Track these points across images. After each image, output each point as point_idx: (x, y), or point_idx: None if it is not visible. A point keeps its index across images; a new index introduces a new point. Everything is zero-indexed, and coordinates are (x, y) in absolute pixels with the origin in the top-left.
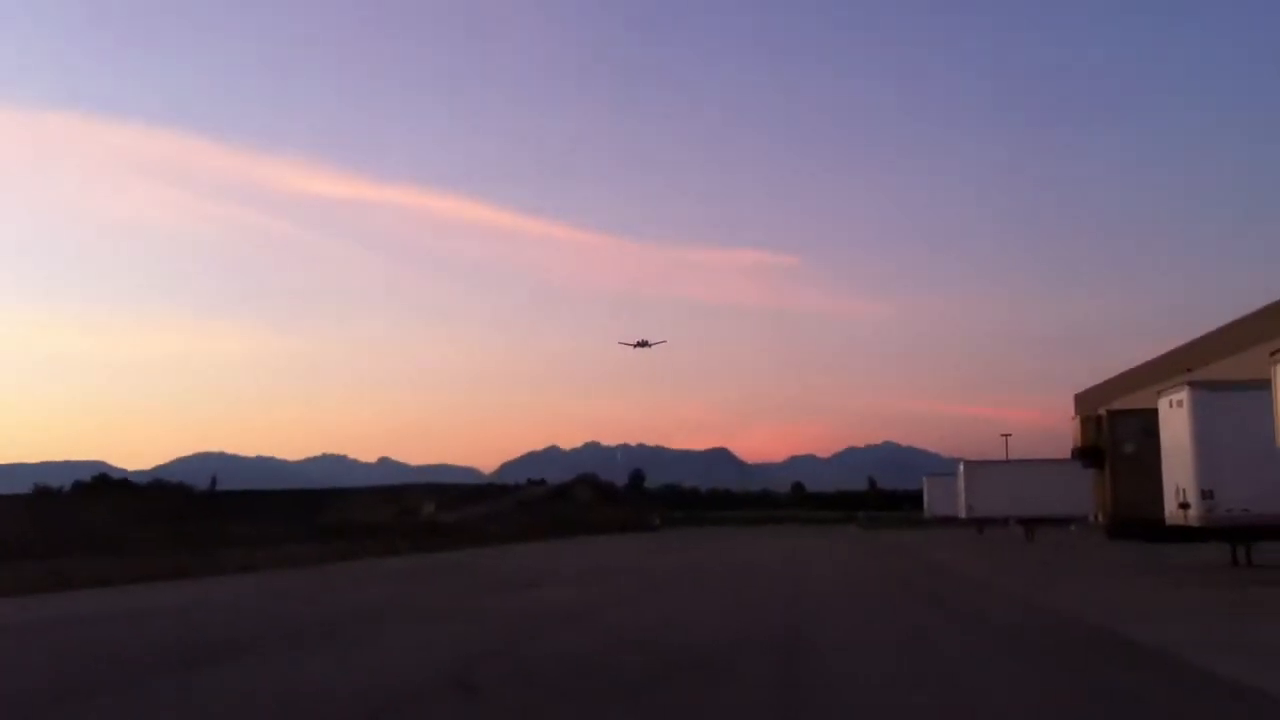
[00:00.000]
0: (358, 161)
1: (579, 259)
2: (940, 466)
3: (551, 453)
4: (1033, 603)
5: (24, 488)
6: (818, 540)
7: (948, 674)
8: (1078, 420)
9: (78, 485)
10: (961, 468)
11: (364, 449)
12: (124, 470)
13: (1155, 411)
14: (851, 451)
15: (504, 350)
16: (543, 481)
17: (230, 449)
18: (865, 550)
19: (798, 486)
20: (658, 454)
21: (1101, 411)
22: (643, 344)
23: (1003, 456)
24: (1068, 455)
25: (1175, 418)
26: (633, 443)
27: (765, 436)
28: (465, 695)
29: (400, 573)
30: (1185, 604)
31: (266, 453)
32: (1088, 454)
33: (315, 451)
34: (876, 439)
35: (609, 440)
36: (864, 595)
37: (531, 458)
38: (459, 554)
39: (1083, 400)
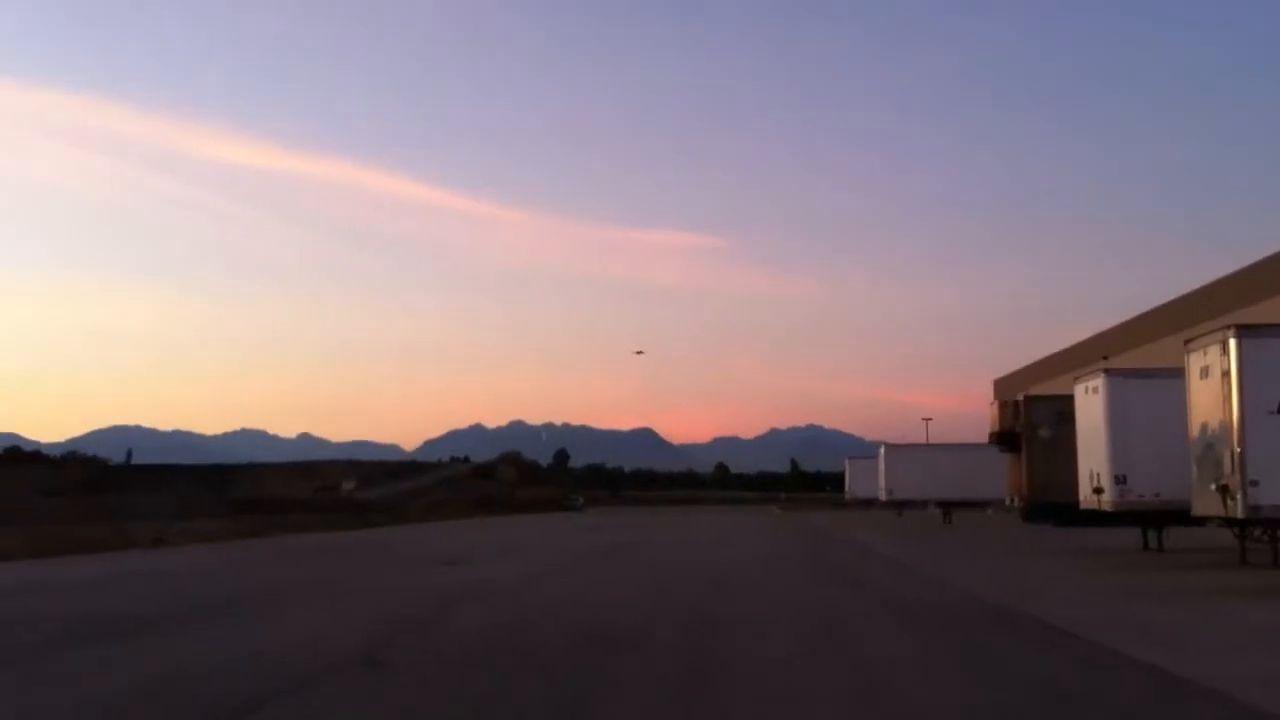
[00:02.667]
0: (280, 131)
1: (506, 237)
2: (863, 449)
3: (476, 431)
4: (943, 581)
5: None
6: (739, 520)
7: (852, 648)
8: (995, 405)
9: None
10: (882, 450)
11: (284, 424)
12: (37, 443)
13: (1071, 397)
14: (776, 433)
15: (429, 328)
16: (466, 459)
17: (147, 423)
18: (784, 530)
19: (721, 467)
20: (583, 433)
21: (1019, 397)
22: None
23: (924, 440)
24: (986, 440)
25: (1090, 403)
26: (558, 422)
27: (690, 417)
28: (373, 671)
29: (315, 549)
30: (1093, 585)
31: (184, 427)
32: (1004, 438)
33: (234, 426)
34: (800, 421)
35: (534, 419)
36: (777, 572)
37: (455, 436)
38: (377, 531)
39: (1002, 386)
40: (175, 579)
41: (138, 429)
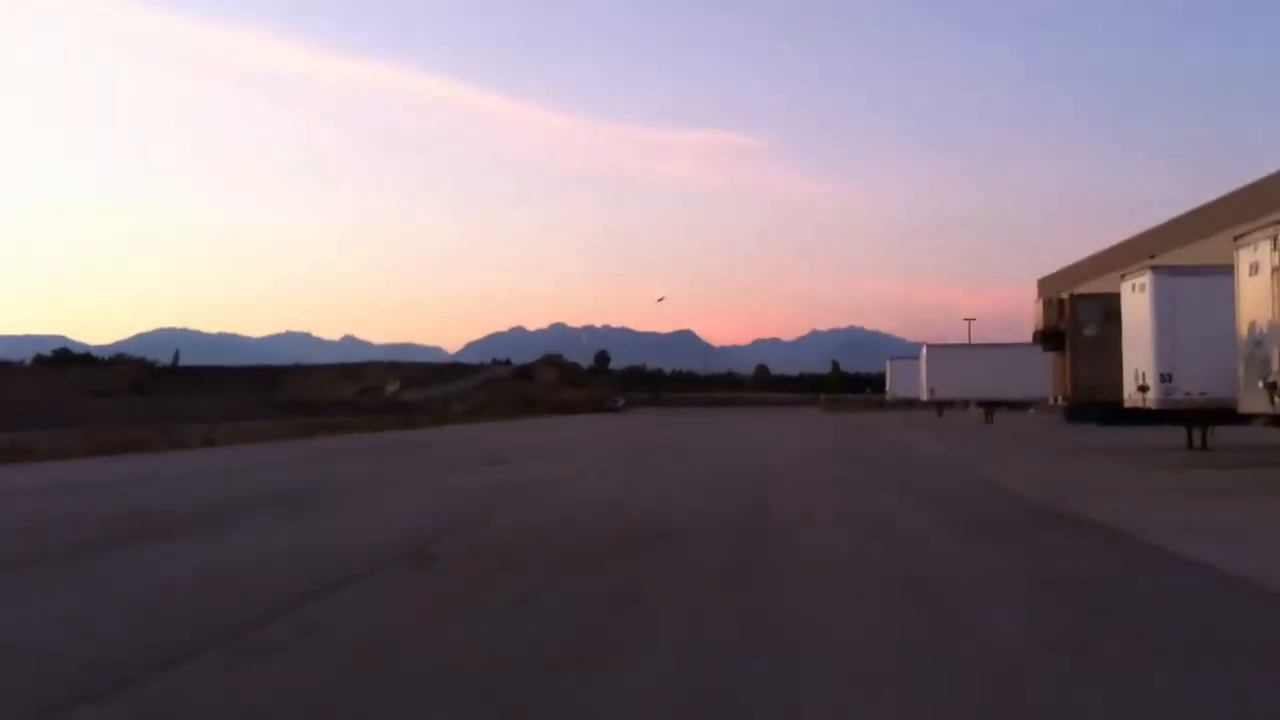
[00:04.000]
0: (326, 35)
1: (549, 140)
2: (904, 350)
3: (517, 334)
4: (984, 479)
5: None
6: (779, 420)
7: (895, 546)
8: (1040, 304)
9: (39, 359)
10: (924, 351)
11: (328, 327)
12: (86, 345)
13: (1117, 295)
14: (816, 335)
15: (471, 231)
16: (508, 362)
17: (194, 325)
18: (824, 430)
19: (762, 369)
20: (623, 335)
21: (1064, 295)
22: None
23: (965, 341)
24: (1028, 340)
25: (1137, 301)
26: (598, 324)
27: (730, 319)
28: (421, 566)
29: (360, 449)
30: (1138, 483)
31: (230, 329)
32: (1049, 337)
33: (279, 329)
34: (841, 323)
35: (575, 322)
36: (818, 471)
37: (497, 338)
38: (421, 432)
39: (1046, 285)
40: (225, 477)
41: (184, 331)
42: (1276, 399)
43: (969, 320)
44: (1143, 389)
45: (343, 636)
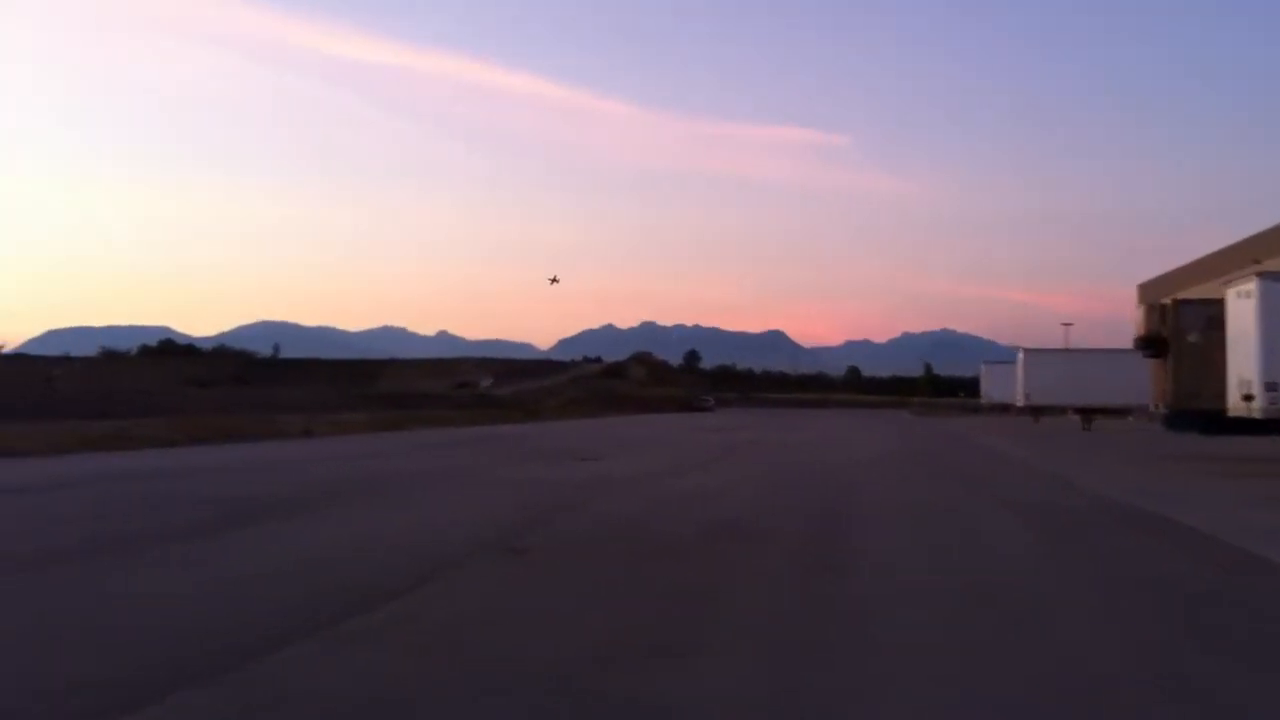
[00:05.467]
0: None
1: (642, 137)
2: (997, 353)
3: (608, 331)
4: (1080, 486)
5: (91, 350)
6: (869, 423)
7: (981, 549)
8: (1141, 309)
9: (144, 350)
10: (1020, 354)
11: (422, 322)
12: (189, 336)
13: (1222, 302)
14: (907, 337)
15: (564, 229)
16: (598, 359)
17: (293, 318)
18: (915, 433)
19: (852, 370)
20: (713, 335)
21: (1167, 300)
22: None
23: (1062, 345)
24: (1128, 345)
25: (1242, 308)
26: (688, 323)
27: (821, 320)
28: (513, 558)
29: (453, 442)
30: (1237, 492)
31: (328, 323)
32: (1150, 343)
33: (375, 323)
34: (933, 324)
35: (665, 320)
36: (908, 475)
37: (587, 335)
38: (513, 426)
39: (1147, 290)
40: (323, 466)
41: (284, 324)
42: None
43: (1067, 324)
44: (1247, 398)
45: (435, 625)
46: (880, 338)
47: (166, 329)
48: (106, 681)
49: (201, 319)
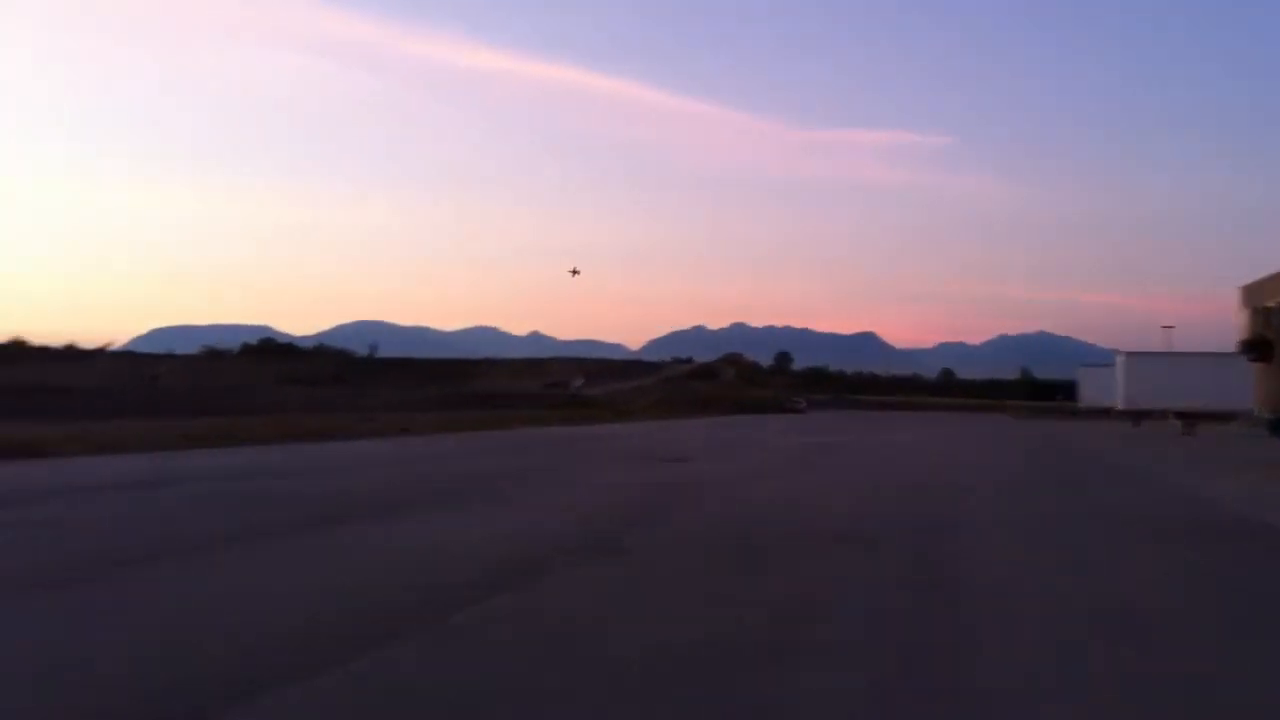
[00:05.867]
0: (513, 38)
1: (733, 139)
2: (1096, 357)
3: (698, 332)
4: (1185, 493)
5: (194, 348)
6: (965, 426)
7: (1087, 559)
8: (1246, 312)
9: (245, 348)
10: (1121, 358)
11: (515, 322)
12: (289, 335)
13: None
14: (1003, 339)
15: (655, 230)
16: (689, 360)
17: (389, 318)
18: (1013, 437)
19: (946, 373)
20: (804, 336)
21: (1271, 303)
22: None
23: (1163, 348)
24: (1232, 349)
25: None
26: (779, 324)
27: (914, 322)
28: (614, 557)
29: (547, 441)
30: None
31: (422, 322)
32: (1255, 347)
33: (469, 323)
34: (1030, 327)
35: (756, 322)
36: (1008, 480)
37: (678, 336)
38: (605, 426)
39: (1250, 292)
40: (422, 465)
41: (380, 324)
42: None
43: (1167, 327)
44: None
45: (540, 622)
46: (975, 340)
47: (267, 328)
48: (229, 670)
49: (301, 318)
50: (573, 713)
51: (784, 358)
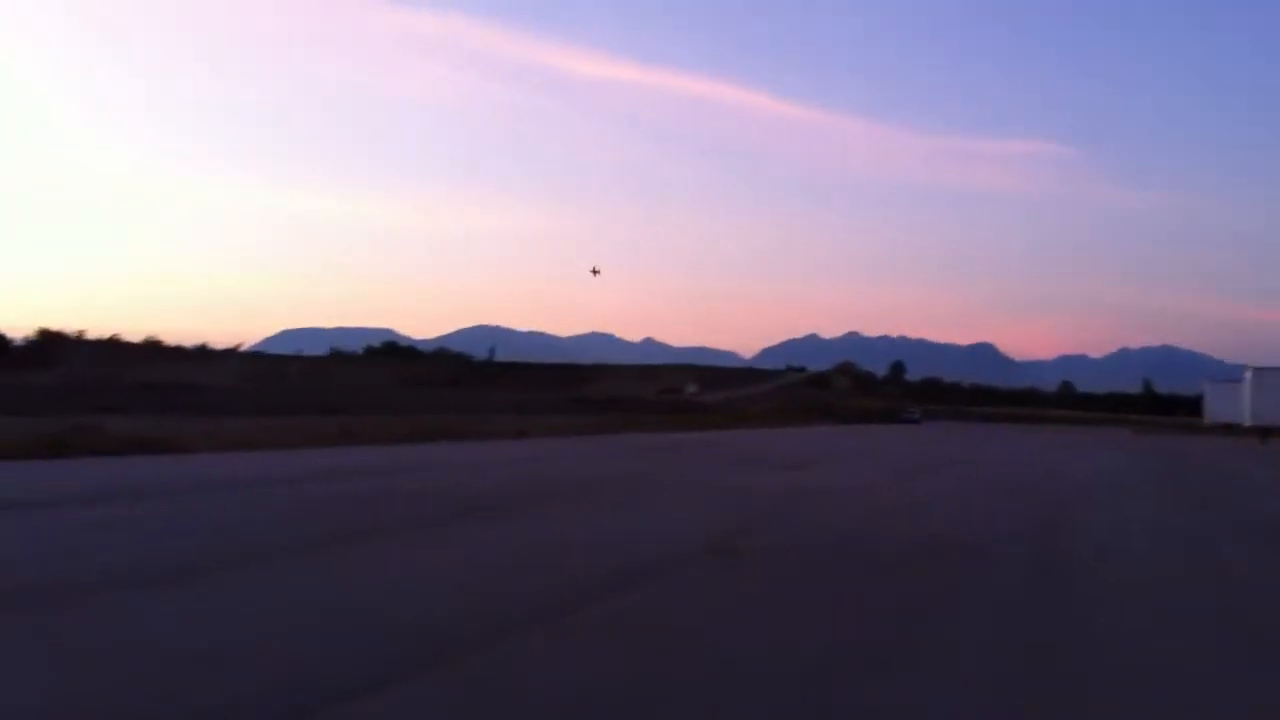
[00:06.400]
0: (632, 46)
1: (850, 147)
2: (1222, 371)
3: (811, 340)
4: None
5: (321, 349)
6: (1085, 440)
7: (1211, 573)
8: None
9: (369, 350)
10: (1249, 373)
11: (630, 329)
12: (410, 338)
13: None
14: (1126, 352)
15: (770, 238)
16: (802, 368)
17: (506, 323)
18: (1135, 452)
19: (1066, 385)
20: (919, 346)
21: None
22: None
23: None
24: None
25: None
26: (894, 334)
27: (1034, 333)
28: (729, 562)
29: (662, 447)
30: None
31: (539, 328)
32: None
33: (585, 329)
34: (1154, 340)
35: (871, 331)
36: (1129, 495)
37: (792, 344)
38: (719, 433)
39: None
40: (540, 466)
41: (498, 329)
42: None
43: None
44: None
45: (655, 625)
46: (1097, 353)
47: (390, 331)
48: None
49: (422, 322)
50: (700, 712)
51: (898, 367)
